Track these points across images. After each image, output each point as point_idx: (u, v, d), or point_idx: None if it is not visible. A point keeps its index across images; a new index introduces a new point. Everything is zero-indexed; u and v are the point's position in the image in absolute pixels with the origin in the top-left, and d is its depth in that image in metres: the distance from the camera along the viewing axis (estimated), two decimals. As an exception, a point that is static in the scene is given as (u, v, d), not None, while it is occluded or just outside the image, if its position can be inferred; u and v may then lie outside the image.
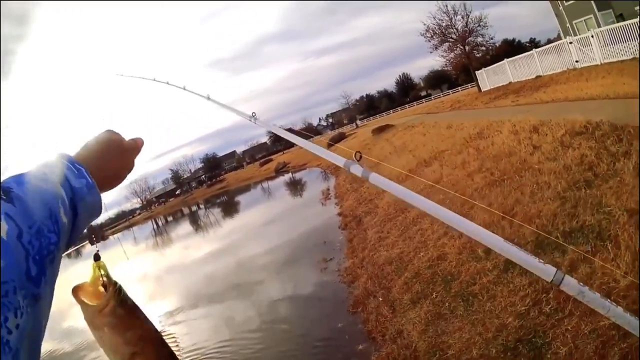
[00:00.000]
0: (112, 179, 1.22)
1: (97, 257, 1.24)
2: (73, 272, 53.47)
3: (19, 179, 0.94)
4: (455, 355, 5.72)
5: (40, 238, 0.88)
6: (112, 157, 1.20)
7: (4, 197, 0.85)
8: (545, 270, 1.86)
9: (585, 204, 6.88)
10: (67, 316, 23.12)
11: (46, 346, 17.47)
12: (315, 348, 9.04)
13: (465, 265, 7.70)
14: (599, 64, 20.92)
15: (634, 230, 5.55)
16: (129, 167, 1.27)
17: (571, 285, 1.85)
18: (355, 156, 2.40)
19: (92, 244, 1.40)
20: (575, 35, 25.88)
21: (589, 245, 5.91)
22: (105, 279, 1.22)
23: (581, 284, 1.84)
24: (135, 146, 1.30)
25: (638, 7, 24.00)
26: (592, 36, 21.33)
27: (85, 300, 1.20)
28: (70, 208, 1.01)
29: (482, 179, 11.01)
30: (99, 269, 1.22)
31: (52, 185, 0.98)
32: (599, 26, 24.47)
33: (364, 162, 2.44)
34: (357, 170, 2.44)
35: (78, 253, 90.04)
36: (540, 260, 1.88)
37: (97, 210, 1.13)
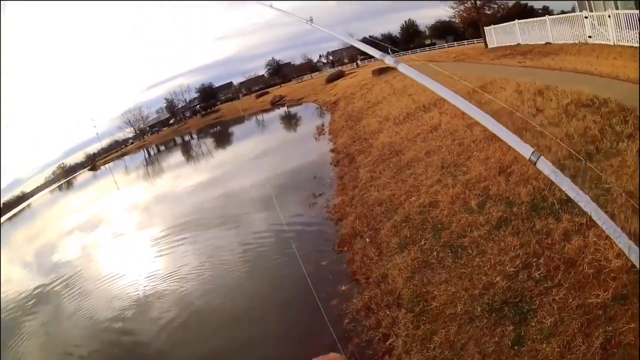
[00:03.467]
0: None
1: None
2: (64, 204, 53.77)
3: None
4: (439, 308, 5.84)
5: None
6: None
7: None
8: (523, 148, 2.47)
9: (585, 176, 6.86)
10: (56, 249, 23.61)
11: (36, 281, 17.82)
12: (297, 285, 8.79)
13: (456, 216, 7.82)
14: (612, 44, 20.29)
15: (631, 213, 5.55)
16: None
17: (546, 165, 2.42)
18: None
19: None
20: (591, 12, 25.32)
21: (584, 217, 5.93)
22: None
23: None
24: None
25: None
26: (609, 16, 20.76)
27: None
28: None
29: (481, 132, 10.93)
30: None
31: None
32: (617, 9, 23.94)
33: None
34: (389, 60, 3.06)
35: (69, 184, 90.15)
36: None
37: None
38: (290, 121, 46.86)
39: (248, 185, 19.60)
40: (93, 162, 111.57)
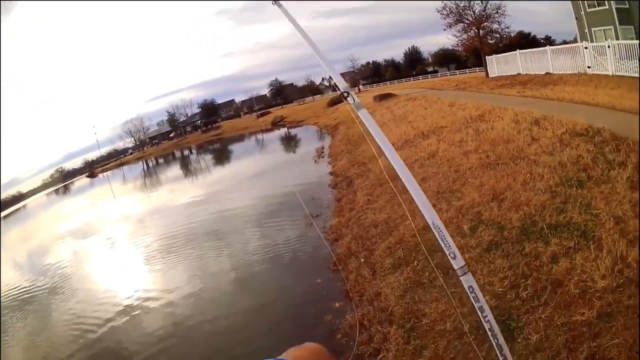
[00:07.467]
0: None
1: None
2: (59, 208, 53.87)
3: None
4: (429, 325, 5.95)
5: None
6: None
7: None
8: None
9: (575, 202, 7.10)
10: (47, 252, 23.62)
11: (26, 282, 18.13)
12: (292, 300, 9.27)
13: (449, 239, 7.91)
14: (611, 74, 20.90)
15: (618, 237, 5.75)
16: None
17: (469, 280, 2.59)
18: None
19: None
20: (592, 42, 25.65)
21: (572, 241, 6.11)
22: None
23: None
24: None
25: None
26: (609, 46, 20.99)
27: None
28: None
29: (477, 159, 11.20)
30: None
31: None
32: (617, 39, 24.25)
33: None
34: (351, 100, 2.94)
35: (66, 189, 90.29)
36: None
37: None
38: (290, 142, 47.29)
39: (244, 203, 19.82)
40: (91, 169, 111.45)
